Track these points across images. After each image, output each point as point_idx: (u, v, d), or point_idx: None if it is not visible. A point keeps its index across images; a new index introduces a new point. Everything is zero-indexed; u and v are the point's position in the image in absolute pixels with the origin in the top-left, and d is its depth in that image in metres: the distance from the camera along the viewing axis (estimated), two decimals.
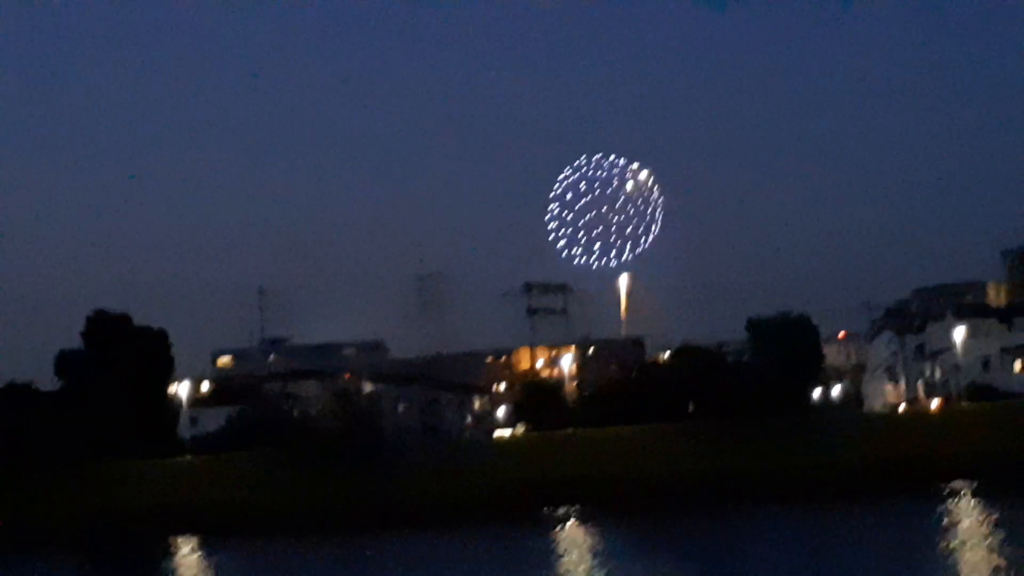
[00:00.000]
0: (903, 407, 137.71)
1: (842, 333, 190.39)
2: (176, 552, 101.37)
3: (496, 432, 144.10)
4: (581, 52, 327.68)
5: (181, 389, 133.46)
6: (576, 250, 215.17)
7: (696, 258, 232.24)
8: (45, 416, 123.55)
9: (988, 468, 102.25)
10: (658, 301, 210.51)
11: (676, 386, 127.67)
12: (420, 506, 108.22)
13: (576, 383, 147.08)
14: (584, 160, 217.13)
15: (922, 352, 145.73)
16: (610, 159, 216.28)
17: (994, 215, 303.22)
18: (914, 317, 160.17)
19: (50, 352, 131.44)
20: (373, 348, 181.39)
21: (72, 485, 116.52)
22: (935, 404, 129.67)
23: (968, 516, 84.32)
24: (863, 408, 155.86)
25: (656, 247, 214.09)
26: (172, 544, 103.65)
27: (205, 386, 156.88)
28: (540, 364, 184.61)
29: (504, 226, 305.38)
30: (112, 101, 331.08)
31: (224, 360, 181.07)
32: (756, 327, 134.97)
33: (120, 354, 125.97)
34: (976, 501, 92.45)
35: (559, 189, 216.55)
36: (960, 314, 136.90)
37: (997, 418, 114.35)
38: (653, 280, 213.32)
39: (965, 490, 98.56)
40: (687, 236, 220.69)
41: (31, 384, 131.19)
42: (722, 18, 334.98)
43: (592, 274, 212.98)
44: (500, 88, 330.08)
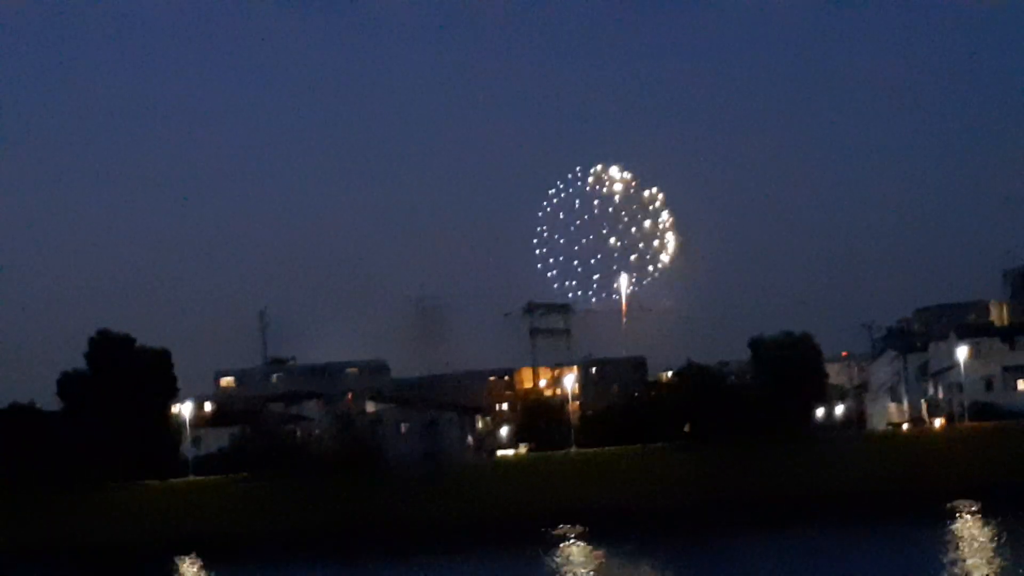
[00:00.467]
0: (906, 427, 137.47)
1: (844, 353, 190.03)
2: (179, 573, 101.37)
3: (499, 452, 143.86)
4: (584, 57, 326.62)
5: (184, 409, 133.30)
6: (571, 283, 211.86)
7: (699, 277, 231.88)
8: (48, 436, 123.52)
9: (992, 488, 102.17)
10: (660, 320, 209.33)
11: (678, 407, 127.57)
12: (420, 528, 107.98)
13: (578, 403, 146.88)
14: (580, 173, 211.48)
15: (925, 372, 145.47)
16: (607, 171, 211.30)
17: (996, 234, 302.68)
18: (916, 337, 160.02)
19: (53, 373, 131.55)
20: (375, 369, 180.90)
21: (75, 505, 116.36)
22: (938, 423, 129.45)
23: (972, 536, 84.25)
24: (866, 428, 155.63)
25: (663, 272, 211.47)
26: (175, 565, 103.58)
27: (208, 406, 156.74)
28: (542, 384, 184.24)
29: (506, 244, 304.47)
30: (109, 116, 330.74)
31: (227, 380, 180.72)
32: (758, 347, 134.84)
33: (123, 375, 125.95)
34: (980, 521, 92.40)
35: (550, 208, 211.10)
36: (962, 333, 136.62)
37: (1000, 438, 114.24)
38: (655, 300, 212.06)
39: (969, 510, 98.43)
40: (693, 257, 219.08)
41: (33, 404, 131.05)
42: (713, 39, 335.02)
43: (595, 291, 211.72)
44: (499, 101, 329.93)
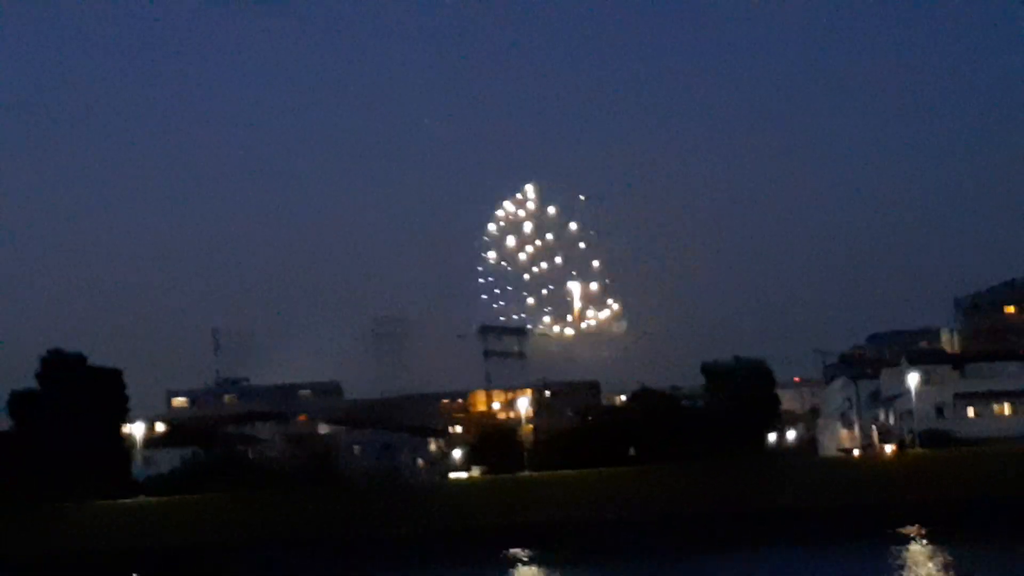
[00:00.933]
0: (857, 452, 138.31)
1: (796, 379, 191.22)
2: None
3: (452, 475, 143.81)
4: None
5: (135, 429, 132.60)
6: (521, 315, 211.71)
7: (650, 303, 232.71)
8: None
9: (940, 514, 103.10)
10: (613, 344, 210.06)
11: (631, 429, 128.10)
12: (377, 548, 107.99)
13: (532, 426, 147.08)
14: (530, 192, 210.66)
15: (876, 398, 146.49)
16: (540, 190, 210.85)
17: (948, 262, 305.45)
18: (868, 363, 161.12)
19: (2, 392, 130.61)
20: (329, 390, 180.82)
21: (25, 526, 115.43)
22: (889, 449, 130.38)
23: (919, 561, 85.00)
24: (818, 453, 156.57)
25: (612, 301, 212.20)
26: None
27: (160, 427, 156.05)
28: (496, 407, 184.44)
29: (462, 266, 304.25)
30: (71, 132, 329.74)
31: (179, 401, 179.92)
32: (711, 372, 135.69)
33: (74, 394, 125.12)
34: (928, 546, 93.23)
35: (496, 232, 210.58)
36: (914, 360, 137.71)
37: (949, 465, 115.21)
38: (607, 323, 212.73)
39: (917, 535, 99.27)
40: (641, 283, 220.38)
41: None
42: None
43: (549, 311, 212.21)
44: (456, 120, 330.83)
